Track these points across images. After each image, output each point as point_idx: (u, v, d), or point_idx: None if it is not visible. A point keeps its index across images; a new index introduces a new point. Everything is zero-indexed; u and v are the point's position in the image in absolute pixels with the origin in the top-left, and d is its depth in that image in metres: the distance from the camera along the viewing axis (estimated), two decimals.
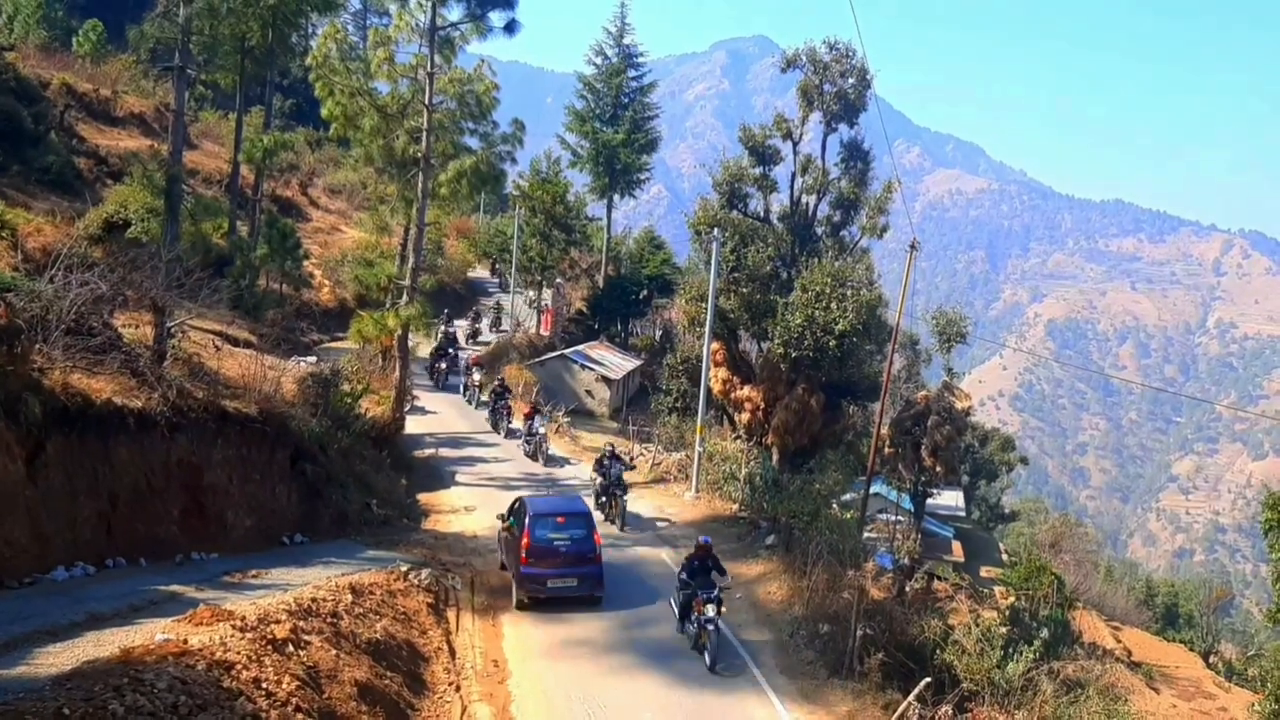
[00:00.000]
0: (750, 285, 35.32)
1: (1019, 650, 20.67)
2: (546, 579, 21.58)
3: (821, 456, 34.71)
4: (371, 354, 36.59)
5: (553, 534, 21.84)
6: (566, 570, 21.71)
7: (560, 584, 21.61)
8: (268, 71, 46.69)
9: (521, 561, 21.45)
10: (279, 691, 12.62)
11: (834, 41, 36.20)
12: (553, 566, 21.60)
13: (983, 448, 65.23)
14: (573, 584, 21.73)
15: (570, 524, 22.21)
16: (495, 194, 65.37)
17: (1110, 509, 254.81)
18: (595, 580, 21.90)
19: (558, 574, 21.62)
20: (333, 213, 65.69)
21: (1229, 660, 57.71)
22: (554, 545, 21.70)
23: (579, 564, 21.79)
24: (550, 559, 21.60)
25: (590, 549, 21.94)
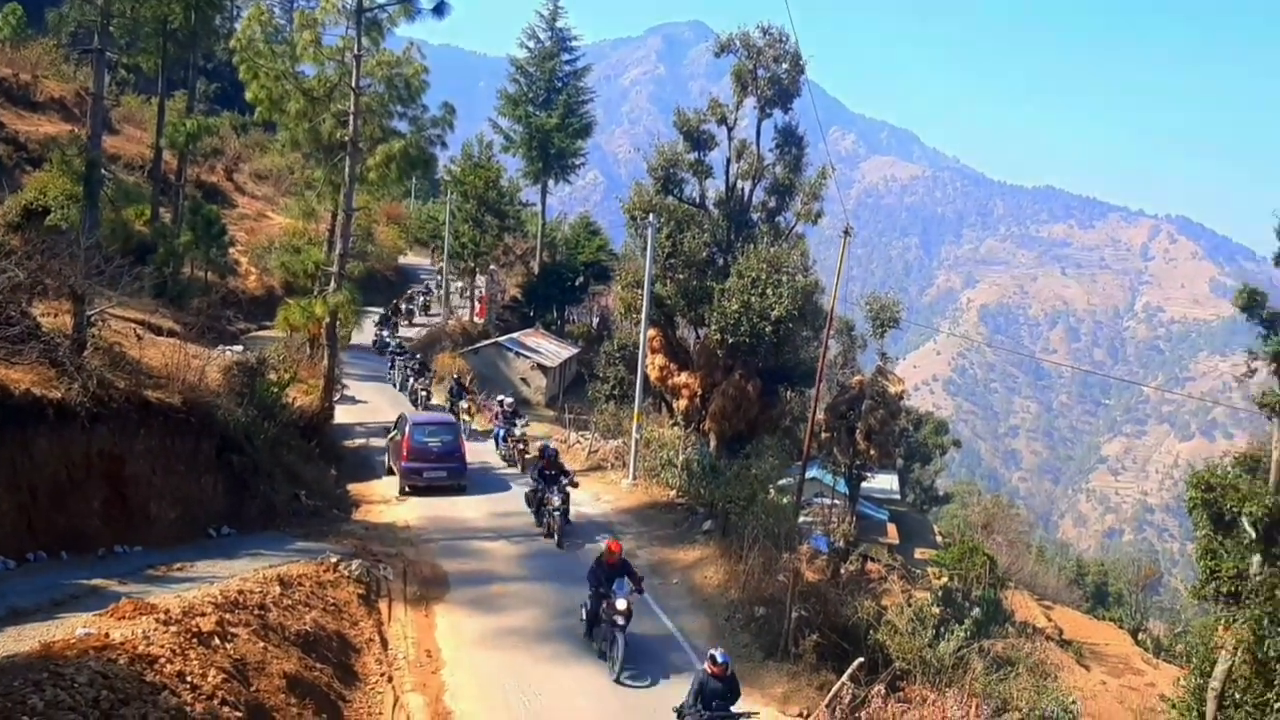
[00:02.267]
0: (687, 271, 35.28)
1: (951, 629, 20.90)
2: (423, 471, 28.68)
3: (758, 442, 34.80)
4: (299, 342, 35.96)
5: (427, 438, 28.92)
6: (438, 465, 28.81)
7: (433, 475, 28.75)
8: (191, 54, 45.61)
9: (404, 459, 28.62)
10: (204, 685, 12.36)
11: (768, 26, 36.23)
12: (427, 462, 28.63)
13: (917, 431, 66.05)
14: (443, 474, 28.88)
15: (441, 431, 29.53)
16: (426, 179, 64.72)
17: (1041, 490, 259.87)
18: (460, 472, 29.33)
19: (431, 468, 28.71)
20: (259, 198, 64.52)
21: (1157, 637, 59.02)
22: (428, 446, 28.80)
23: (447, 460, 29.00)
24: (425, 457, 28.65)
25: (456, 449, 29.36)
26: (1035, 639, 38.01)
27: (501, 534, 25.53)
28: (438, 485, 28.67)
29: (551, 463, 25.96)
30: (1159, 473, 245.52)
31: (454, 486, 28.99)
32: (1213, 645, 22.81)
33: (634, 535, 26.33)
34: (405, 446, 28.60)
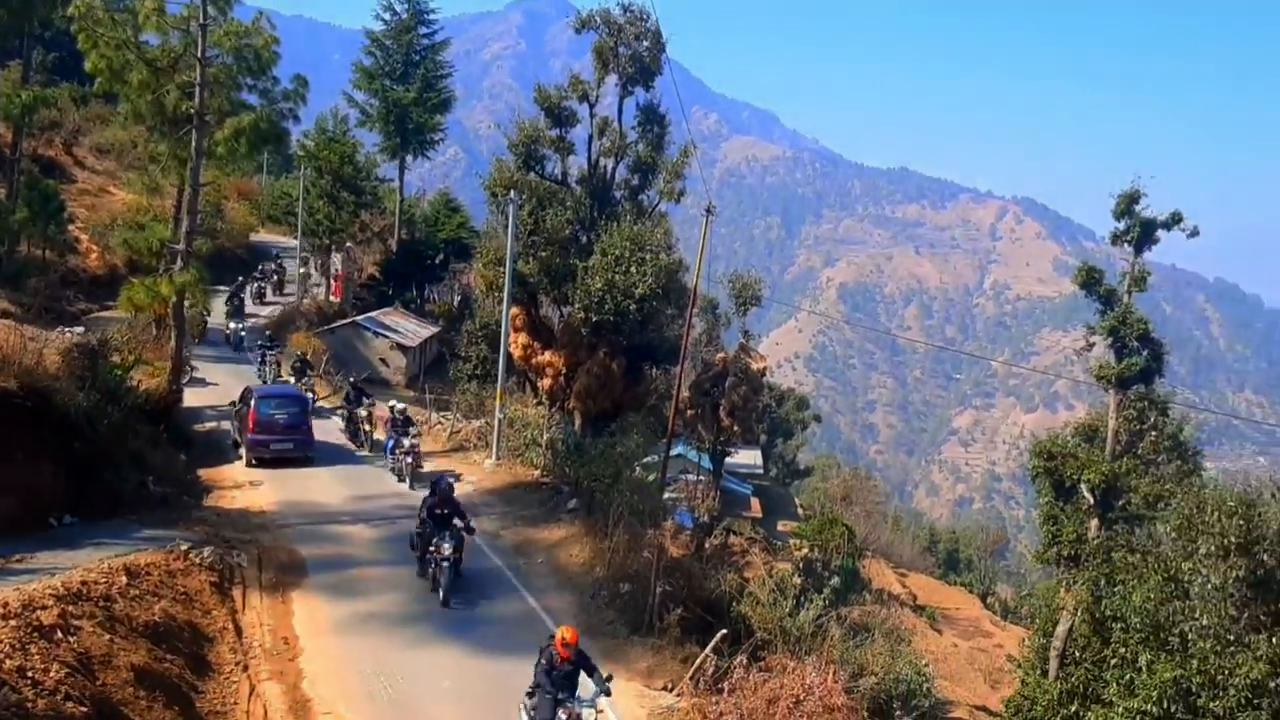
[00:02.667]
0: (549, 249, 35.04)
1: (810, 599, 21.41)
2: (269, 443, 29.00)
3: (623, 420, 34.88)
4: (144, 323, 34.50)
5: (273, 411, 29.32)
6: (283, 437, 29.17)
7: (279, 446, 29.11)
8: (26, 23, 43.00)
9: (249, 431, 28.88)
10: (46, 680, 11.90)
11: (629, 4, 36.09)
12: (273, 434, 28.97)
13: (779, 407, 67.33)
14: (289, 446, 29.27)
15: (286, 404, 29.98)
16: (278, 154, 62.73)
17: (897, 462, 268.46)
18: (307, 444, 29.75)
19: (277, 439, 29.09)
20: (101, 173, 61.48)
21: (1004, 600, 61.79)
22: (274, 419, 29.18)
23: (293, 433, 29.39)
24: (271, 429, 28.96)
25: (302, 422, 29.85)
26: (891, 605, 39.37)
27: (360, 517, 25.07)
28: (285, 457, 29.07)
29: (445, 500, 20.88)
30: (1006, 443, 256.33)
31: (301, 458, 29.44)
32: (1055, 606, 23.99)
33: (498, 515, 26.18)
34: (251, 419, 28.94)
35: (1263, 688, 14.46)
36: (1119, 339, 23.77)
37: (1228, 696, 14.66)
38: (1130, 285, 24.18)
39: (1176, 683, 15.03)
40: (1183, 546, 16.82)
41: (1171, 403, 25.67)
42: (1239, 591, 15.48)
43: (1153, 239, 24.18)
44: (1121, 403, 23.84)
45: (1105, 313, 24.23)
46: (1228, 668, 14.77)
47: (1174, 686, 15.02)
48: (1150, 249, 24.39)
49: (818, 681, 15.57)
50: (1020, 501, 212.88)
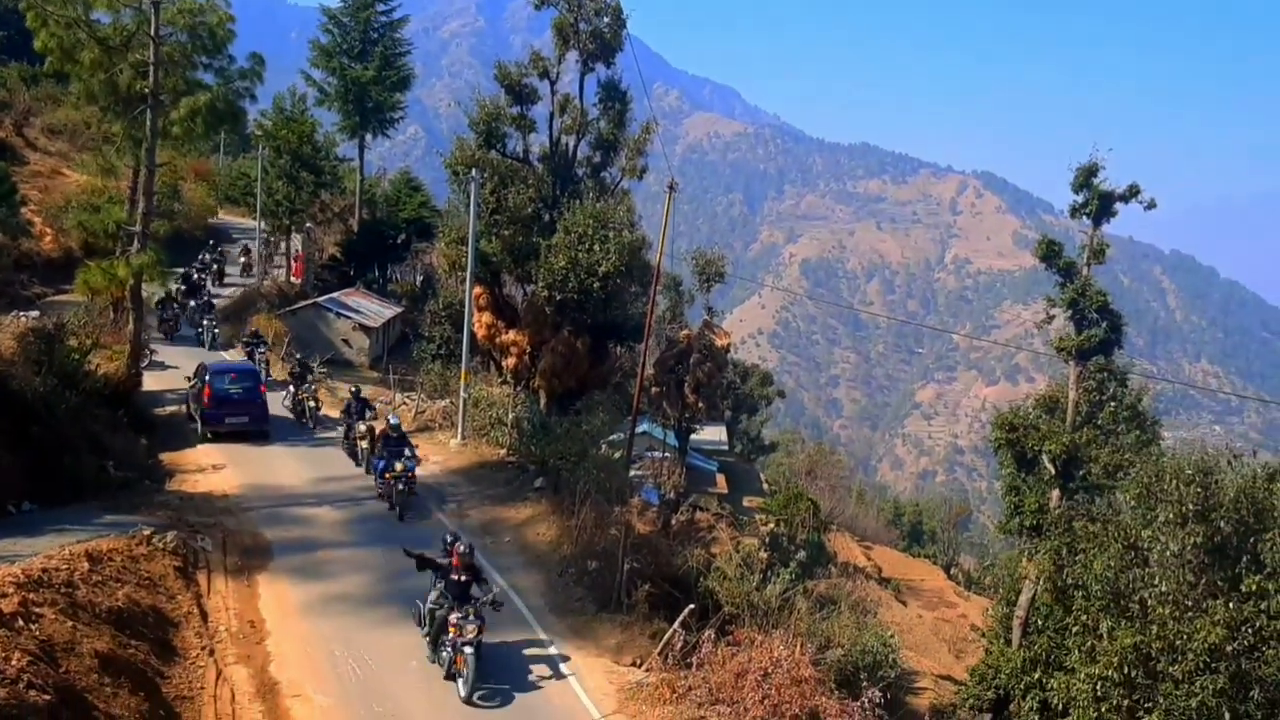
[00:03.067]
0: (512, 228, 34.86)
1: (777, 573, 21.56)
2: (224, 417, 29.40)
3: (589, 398, 34.93)
4: (101, 307, 34.02)
5: (228, 386, 29.71)
6: (239, 411, 29.56)
7: (235, 420, 29.51)
8: None
9: (205, 406, 29.20)
10: (8, 669, 11.79)
11: None
12: (228, 410, 29.35)
13: (743, 383, 67.49)
14: (244, 420, 29.67)
15: (241, 380, 30.23)
16: (235, 134, 61.55)
17: (861, 436, 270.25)
18: (261, 419, 30.11)
19: (233, 414, 29.48)
20: (53, 155, 60.30)
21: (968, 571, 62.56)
22: (230, 394, 29.57)
23: (248, 408, 29.77)
24: (227, 405, 29.34)
25: (257, 397, 30.15)
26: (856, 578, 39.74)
27: (325, 499, 24.94)
28: (240, 431, 29.50)
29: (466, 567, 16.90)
30: (968, 416, 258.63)
31: (257, 433, 29.82)
32: (1017, 576, 24.35)
33: (464, 495, 26.14)
34: (206, 394, 29.30)
35: (1220, 652, 14.73)
36: (1078, 311, 24.03)
37: (1186, 661, 14.92)
38: (1089, 258, 24.42)
39: (1136, 648, 15.27)
40: (1142, 515, 17.07)
41: (1130, 373, 26.04)
42: (1197, 558, 15.74)
43: (1111, 212, 24.42)
44: (1081, 374, 24.13)
45: (1065, 285, 24.47)
46: (1186, 633, 15.03)
47: (1134, 652, 15.26)
48: (1108, 221, 24.63)
49: (785, 654, 15.72)
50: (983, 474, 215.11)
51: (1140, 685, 15.35)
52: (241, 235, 67.65)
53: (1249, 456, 17.08)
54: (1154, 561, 16.17)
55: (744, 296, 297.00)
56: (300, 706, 15.19)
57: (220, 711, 14.79)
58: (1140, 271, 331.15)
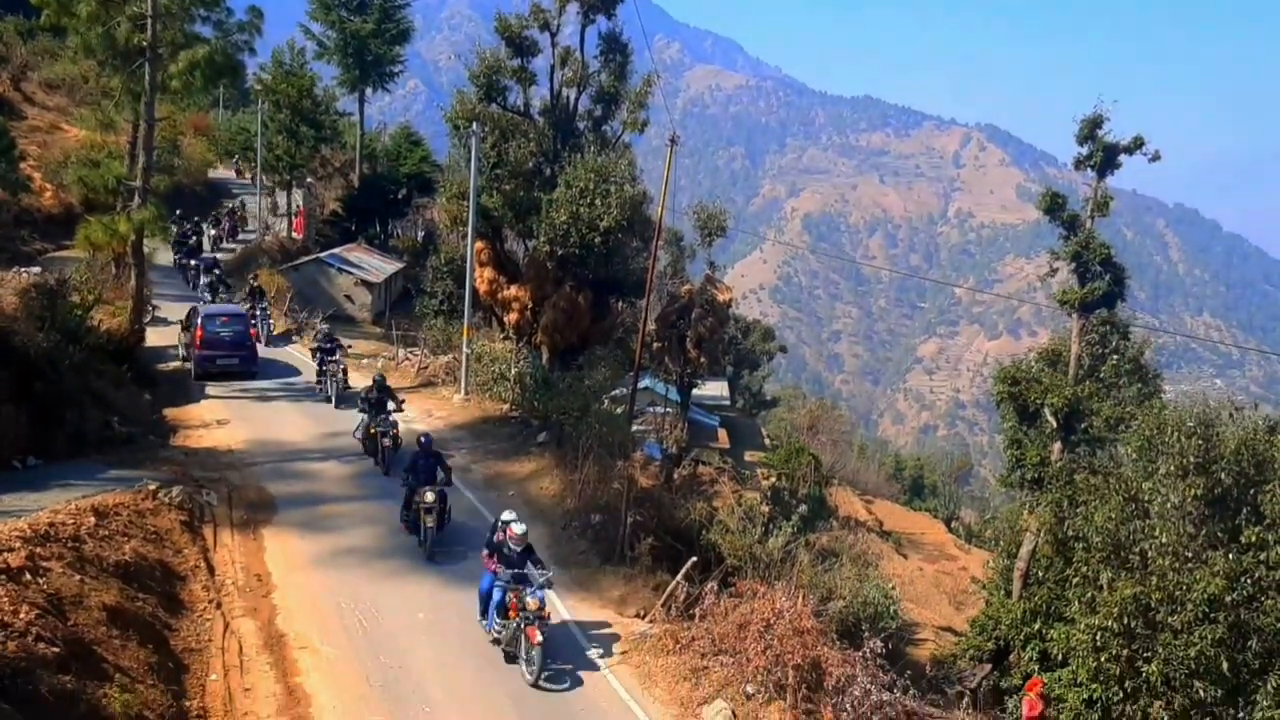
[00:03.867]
0: (513, 182, 34.69)
1: (779, 526, 21.66)
2: (216, 358, 31.03)
3: (591, 353, 34.90)
4: (103, 262, 33.95)
5: (219, 329, 31.16)
6: (229, 353, 31.20)
7: (225, 362, 31.19)
8: None
9: (197, 348, 30.81)
10: (16, 622, 11.88)
11: None
12: (219, 350, 30.97)
13: (745, 338, 67.53)
14: (234, 361, 31.35)
15: (231, 324, 31.72)
16: (234, 88, 61.09)
17: (862, 391, 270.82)
18: (250, 359, 31.90)
19: (222, 355, 31.09)
20: (51, 109, 59.85)
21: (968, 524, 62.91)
22: (220, 336, 31.05)
23: (238, 349, 31.44)
24: (217, 346, 30.93)
25: (246, 339, 31.93)
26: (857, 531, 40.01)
27: (330, 454, 25.01)
28: (230, 371, 31.23)
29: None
30: (970, 371, 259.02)
31: (246, 373, 31.60)
32: (1018, 528, 24.43)
33: (468, 450, 26.21)
34: (199, 336, 30.81)
35: (1219, 602, 14.84)
36: (1082, 264, 23.92)
37: (1185, 611, 15.03)
38: (1093, 210, 24.27)
39: (1136, 599, 15.37)
40: (1143, 467, 17.13)
41: (1132, 327, 26.00)
42: (1197, 510, 15.81)
43: (1115, 164, 24.22)
44: (1084, 327, 24.08)
45: (1068, 238, 24.35)
46: (1186, 583, 15.13)
47: (1134, 603, 15.36)
48: (1112, 174, 24.44)
49: (787, 606, 15.83)
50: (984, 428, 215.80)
51: (1139, 635, 15.48)
52: (241, 190, 67.36)
53: (1250, 409, 17.11)
54: (1154, 513, 16.24)
55: (745, 251, 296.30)
56: (308, 658, 15.35)
57: (228, 663, 14.94)
58: (1144, 225, 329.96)
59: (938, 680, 22.65)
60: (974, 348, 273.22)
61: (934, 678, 22.89)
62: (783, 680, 14.86)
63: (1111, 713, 16.00)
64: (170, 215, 35.89)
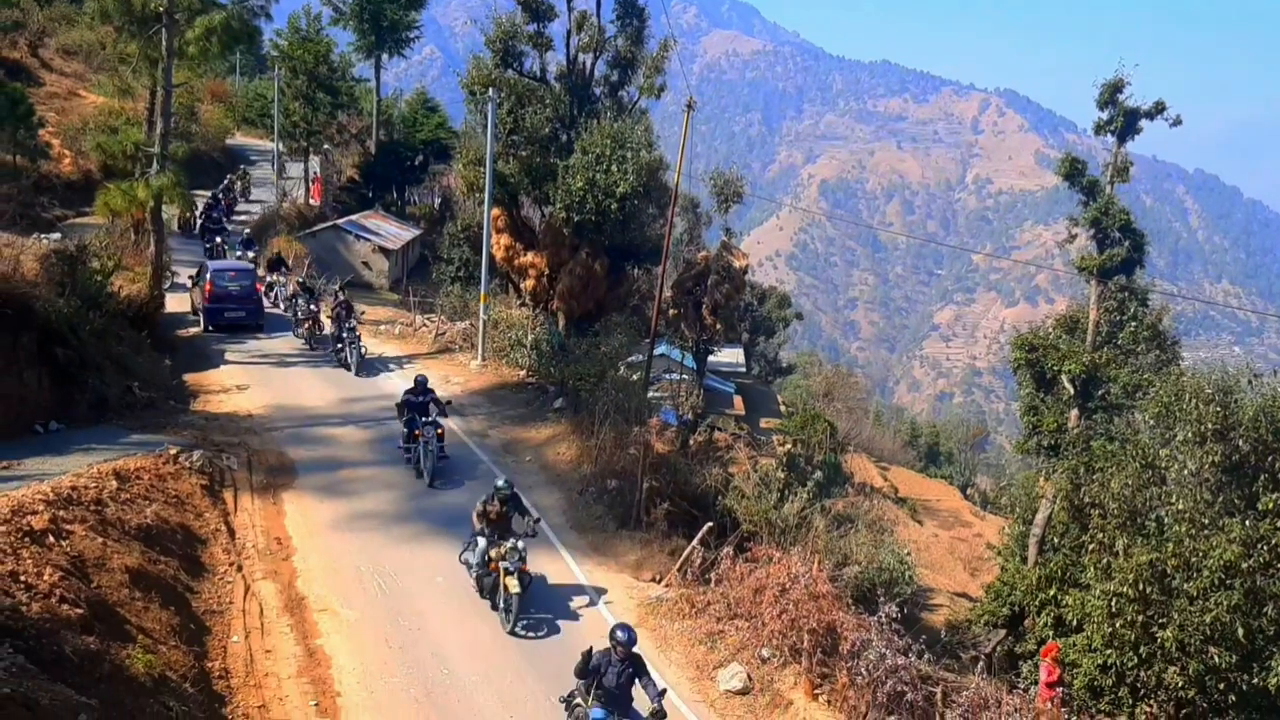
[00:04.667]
0: (529, 148, 34.63)
1: (794, 492, 21.73)
2: (224, 311, 32.43)
3: (607, 320, 34.90)
4: (123, 228, 34.09)
5: (227, 284, 32.67)
6: (237, 306, 32.61)
7: (233, 315, 32.61)
8: None
9: (206, 301, 32.21)
10: (40, 584, 12.05)
11: None
12: (227, 304, 32.38)
13: (761, 305, 67.34)
14: (242, 314, 32.78)
15: (239, 279, 33.22)
16: (251, 54, 61.10)
17: (879, 358, 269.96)
18: (257, 313, 33.35)
19: (231, 308, 32.51)
20: (69, 76, 59.86)
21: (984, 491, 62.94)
22: (228, 290, 32.52)
23: (245, 303, 32.87)
24: (226, 300, 32.33)
25: (253, 294, 33.37)
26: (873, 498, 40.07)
27: (349, 419, 25.19)
28: (238, 324, 32.68)
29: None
30: (986, 338, 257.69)
31: (253, 325, 33.07)
32: (1034, 495, 24.42)
33: (485, 415, 26.35)
34: (208, 290, 32.28)
35: (1235, 569, 14.83)
36: (1101, 230, 23.76)
37: (1201, 578, 15.03)
38: (1112, 176, 24.08)
39: (1152, 565, 15.37)
40: (1160, 434, 17.07)
41: (1151, 293, 25.83)
42: (1214, 476, 15.78)
43: (1135, 129, 24.00)
44: (1102, 294, 23.95)
45: (1087, 204, 24.17)
46: (1202, 550, 15.12)
47: (1150, 569, 15.36)
48: (1132, 139, 24.23)
49: (803, 570, 15.92)
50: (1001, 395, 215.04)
51: (1155, 601, 15.49)
52: (259, 157, 67.37)
53: (1268, 376, 17.00)
54: (1171, 480, 16.21)
55: (762, 218, 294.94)
56: (327, 620, 15.55)
57: (249, 625, 15.14)
58: (1163, 191, 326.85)
59: (952, 645, 22.73)
60: (991, 315, 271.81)
61: (949, 643, 22.97)
62: (798, 644, 14.99)
63: (1126, 678, 16.04)
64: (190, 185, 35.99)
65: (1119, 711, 16.43)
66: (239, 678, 13.77)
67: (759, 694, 14.75)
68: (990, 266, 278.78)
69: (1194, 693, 15.24)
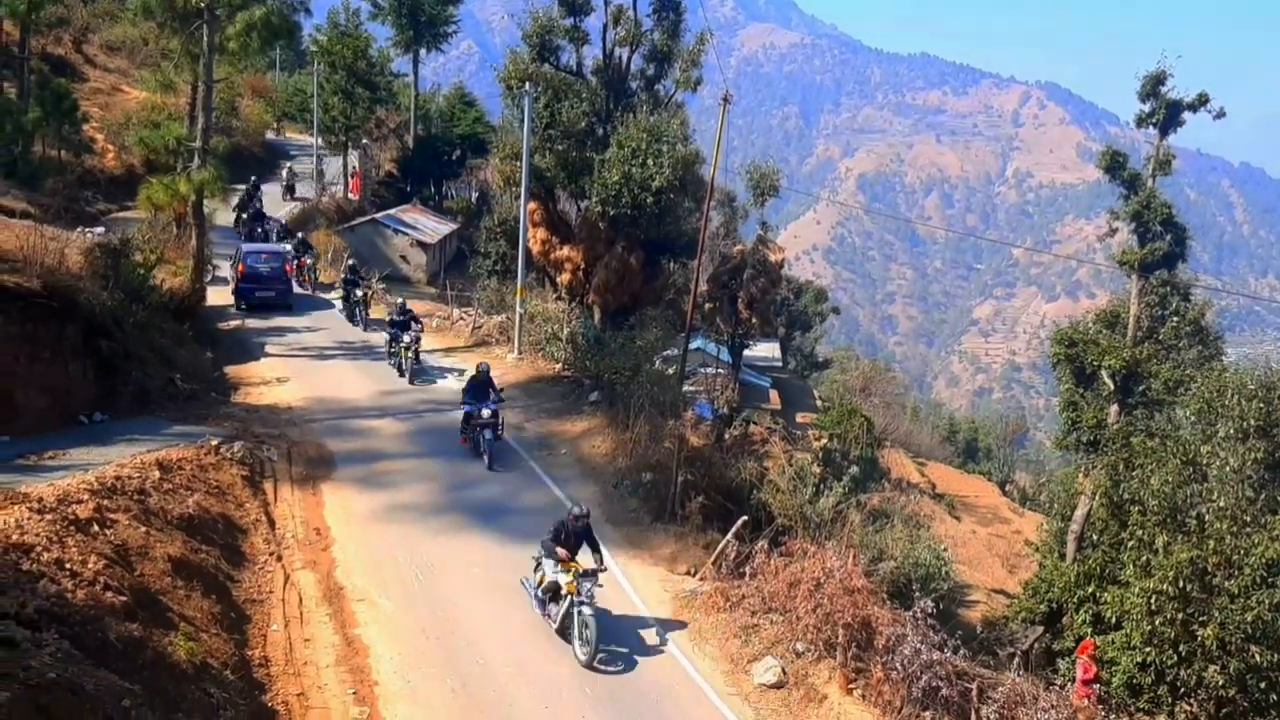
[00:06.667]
0: (566, 142, 34.69)
1: (830, 487, 21.66)
2: (255, 291, 33.95)
3: (642, 314, 34.97)
4: (165, 222, 34.54)
5: (259, 265, 34.30)
6: (267, 286, 34.13)
7: (264, 294, 34.09)
8: None
9: (239, 281, 33.88)
10: (85, 571, 12.22)
11: None
12: (258, 283, 33.97)
13: (797, 300, 67.06)
14: (271, 294, 34.26)
15: (270, 260, 34.85)
16: (291, 49, 61.48)
17: (916, 353, 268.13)
18: (286, 293, 34.88)
19: (261, 288, 34.06)
20: (113, 71, 60.60)
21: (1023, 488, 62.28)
22: (259, 271, 34.12)
23: (276, 283, 34.41)
24: (257, 280, 33.97)
25: (282, 275, 34.76)
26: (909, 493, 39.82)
27: (387, 412, 25.39)
28: (268, 303, 34.17)
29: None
30: (1026, 333, 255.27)
31: (282, 305, 34.54)
32: (1073, 491, 24.22)
33: (521, 409, 26.46)
34: (240, 270, 34.00)
35: (1277, 566, 14.69)
36: (1142, 224, 23.47)
37: (1243, 576, 14.88)
38: (1155, 169, 23.77)
39: (1193, 563, 15.24)
40: (1202, 430, 16.92)
41: (1194, 288, 25.52)
42: (1256, 473, 15.62)
43: (1178, 121, 23.67)
44: (1144, 289, 23.68)
45: (1129, 198, 23.89)
46: (1244, 548, 14.97)
47: (1190, 567, 15.23)
48: (1175, 132, 23.90)
49: (838, 565, 15.90)
50: (1040, 391, 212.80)
51: (1195, 599, 15.35)
52: (299, 151, 67.89)
53: None
54: (1213, 477, 16.06)
55: (799, 212, 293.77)
56: (365, 610, 15.71)
57: (289, 614, 15.32)
58: (1208, 185, 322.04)
59: (989, 641, 22.63)
60: (1031, 310, 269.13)
61: (985, 639, 22.88)
62: (833, 639, 14.97)
63: (1165, 676, 15.91)
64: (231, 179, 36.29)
65: (1158, 710, 16.31)
66: (278, 666, 13.94)
67: (793, 688, 14.75)
68: (1030, 261, 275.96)
69: (1235, 691, 15.11)
